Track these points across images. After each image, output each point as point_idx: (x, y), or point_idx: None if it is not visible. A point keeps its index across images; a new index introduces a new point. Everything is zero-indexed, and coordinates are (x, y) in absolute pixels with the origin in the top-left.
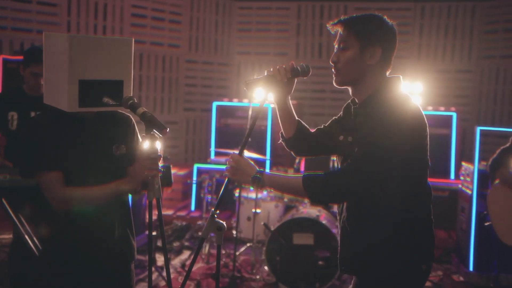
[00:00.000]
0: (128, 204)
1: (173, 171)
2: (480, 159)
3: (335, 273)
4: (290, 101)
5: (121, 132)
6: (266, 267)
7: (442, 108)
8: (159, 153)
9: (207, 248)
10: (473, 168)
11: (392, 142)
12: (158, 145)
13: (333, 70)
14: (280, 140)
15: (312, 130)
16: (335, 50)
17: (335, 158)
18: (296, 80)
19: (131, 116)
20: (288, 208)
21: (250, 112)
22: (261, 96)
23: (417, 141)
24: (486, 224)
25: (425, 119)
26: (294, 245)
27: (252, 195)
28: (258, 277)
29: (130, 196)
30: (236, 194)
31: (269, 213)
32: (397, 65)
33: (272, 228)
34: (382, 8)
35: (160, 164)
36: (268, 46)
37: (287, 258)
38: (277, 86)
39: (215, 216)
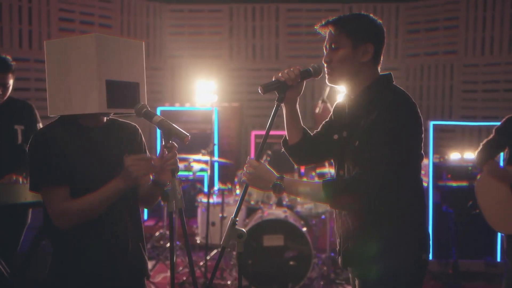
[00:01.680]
0: (140, 217)
1: None
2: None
3: (306, 272)
4: (297, 105)
5: (129, 142)
6: (235, 272)
7: None
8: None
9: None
10: (428, 161)
11: (405, 139)
12: None
13: (326, 69)
14: (282, 149)
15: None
16: (325, 52)
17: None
18: (305, 81)
19: (137, 126)
20: (250, 210)
21: (213, 117)
22: (277, 98)
23: (420, 133)
24: (475, 212)
25: None
26: (264, 247)
27: (218, 199)
28: (229, 282)
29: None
30: (203, 200)
31: None
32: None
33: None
34: (311, 10)
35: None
36: (201, 49)
37: (259, 261)
38: (286, 90)
39: (236, 223)
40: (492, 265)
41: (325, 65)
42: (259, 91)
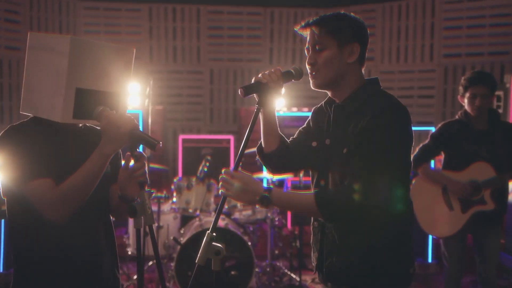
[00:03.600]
0: (113, 232)
1: None
2: None
3: (249, 281)
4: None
5: None
6: (173, 285)
7: (306, 109)
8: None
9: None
10: None
11: (401, 146)
12: None
13: (310, 72)
14: (257, 157)
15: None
16: (306, 53)
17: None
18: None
19: None
20: (186, 219)
21: (148, 119)
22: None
23: (412, 141)
24: None
25: None
26: None
27: (154, 207)
28: None
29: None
30: None
31: (168, 226)
32: (250, 69)
33: (182, 241)
34: (233, 12)
35: None
36: None
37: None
38: (268, 93)
39: (213, 239)
40: (424, 266)
41: (309, 67)
42: (239, 93)
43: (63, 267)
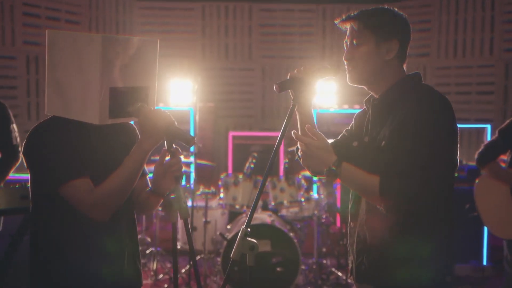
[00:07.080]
0: (136, 227)
1: None
2: None
3: (294, 278)
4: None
5: (133, 142)
6: (220, 279)
7: (357, 106)
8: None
9: (154, 264)
10: None
11: (443, 136)
12: None
13: (346, 67)
14: (296, 157)
15: None
16: (345, 48)
17: None
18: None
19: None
20: (233, 215)
21: (196, 117)
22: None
23: (456, 135)
24: (472, 215)
25: None
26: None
27: (201, 203)
28: None
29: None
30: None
31: (216, 222)
32: (302, 66)
33: (228, 237)
34: (285, 9)
35: None
36: (173, 48)
37: (245, 267)
38: (303, 88)
39: (247, 234)
40: (478, 269)
41: (346, 62)
42: (275, 90)
43: (86, 263)
